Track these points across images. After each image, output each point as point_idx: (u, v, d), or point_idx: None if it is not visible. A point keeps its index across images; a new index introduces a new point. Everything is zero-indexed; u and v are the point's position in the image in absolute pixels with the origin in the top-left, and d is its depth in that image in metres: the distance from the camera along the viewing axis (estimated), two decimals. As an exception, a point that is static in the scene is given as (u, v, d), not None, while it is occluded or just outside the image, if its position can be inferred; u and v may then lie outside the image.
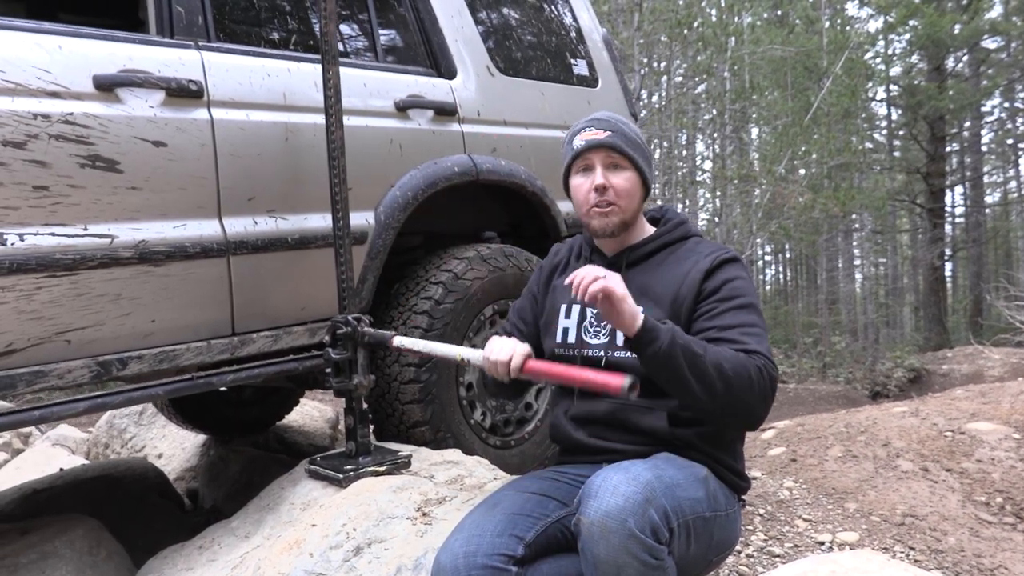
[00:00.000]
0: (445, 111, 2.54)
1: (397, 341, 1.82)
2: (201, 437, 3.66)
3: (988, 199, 22.94)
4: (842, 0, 16.90)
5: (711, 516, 1.41)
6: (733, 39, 11.65)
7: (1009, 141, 22.85)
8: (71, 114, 1.73)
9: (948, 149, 19.30)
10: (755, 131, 16.86)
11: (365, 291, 2.29)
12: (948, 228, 20.00)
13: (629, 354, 1.48)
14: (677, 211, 1.75)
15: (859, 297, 20.76)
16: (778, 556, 2.27)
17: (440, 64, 2.61)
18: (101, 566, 1.98)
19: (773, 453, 3.08)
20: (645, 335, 1.35)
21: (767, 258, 24.72)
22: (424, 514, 1.73)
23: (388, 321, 2.40)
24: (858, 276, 21.65)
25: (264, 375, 2.10)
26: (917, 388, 10.64)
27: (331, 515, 1.75)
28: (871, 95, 17.69)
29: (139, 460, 3.40)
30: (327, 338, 1.99)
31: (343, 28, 2.46)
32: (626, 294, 1.36)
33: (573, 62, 3.11)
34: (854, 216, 16.85)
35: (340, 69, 2.08)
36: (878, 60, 17.51)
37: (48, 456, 4.40)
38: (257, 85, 2.08)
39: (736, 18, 11.92)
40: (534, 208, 2.82)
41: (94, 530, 2.08)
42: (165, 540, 2.16)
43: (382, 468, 1.96)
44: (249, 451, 3.49)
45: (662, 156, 12.90)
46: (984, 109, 20.14)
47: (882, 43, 17.82)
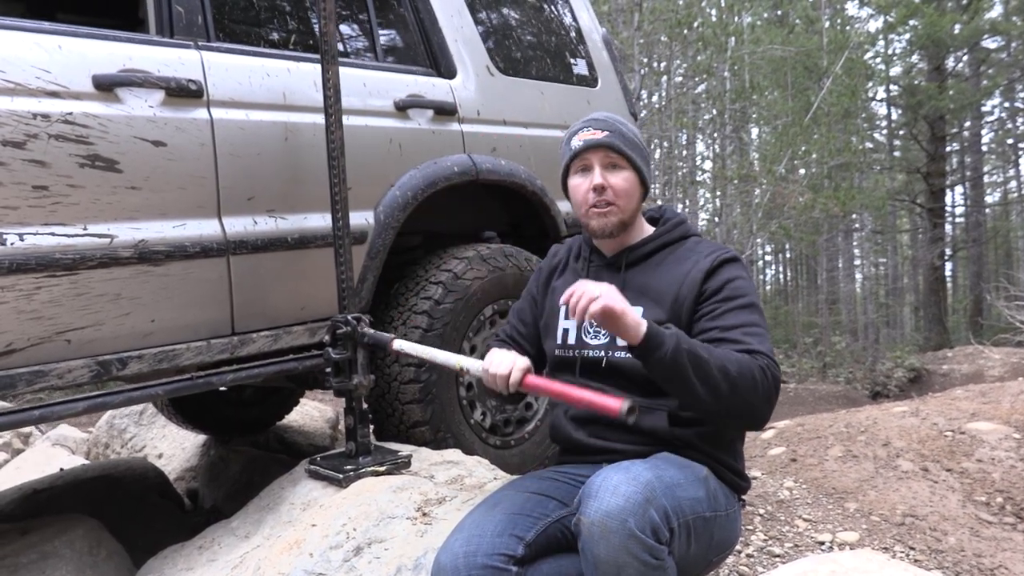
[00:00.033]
0: (445, 111, 2.54)
1: (397, 345, 1.81)
2: (201, 437, 3.66)
3: (988, 199, 22.94)
4: (842, 0, 16.90)
5: (711, 516, 1.41)
6: (733, 39, 11.65)
7: (1009, 141, 22.84)
8: (71, 114, 1.73)
9: (948, 149, 19.30)
10: (755, 131, 16.87)
11: (365, 291, 2.29)
12: (948, 228, 20.00)
13: (629, 355, 1.48)
14: (676, 211, 1.75)
15: (859, 297, 20.77)
16: (778, 556, 2.27)
17: (440, 64, 2.61)
18: (101, 566, 1.98)
19: (773, 453, 3.08)
20: (649, 343, 1.34)
21: (767, 258, 24.73)
22: (424, 514, 1.73)
23: (388, 321, 2.40)
24: (858, 276, 21.66)
25: (264, 375, 2.10)
26: (917, 388, 10.64)
27: (331, 515, 1.75)
28: (871, 95, 17.70)
29: (139, 460, 3.40)
30: (327, 338, 1.99)
31: (343, 28, 2.46)
32: (625, 307, 1.34)
33: (573, 62, 3.11)
34: (854, 216, 16.85)
35: (340, 69, 2.08)
36: (878, 60, 17.51)
37: (48, 456, 4.40)
38: (257, 85, 2.08)
39: (736, 18, 11.92)
40: (534, 208, 2.82)
41: (94, 530, 2.08)
42: (165, 540, 2.16)
43: (382, 468, 1.96)
44: (249, 451, 3.49)
45: (662, 156, 12.91)
46: (984, 109, 20.15)
47: (882, 43, 17.82)
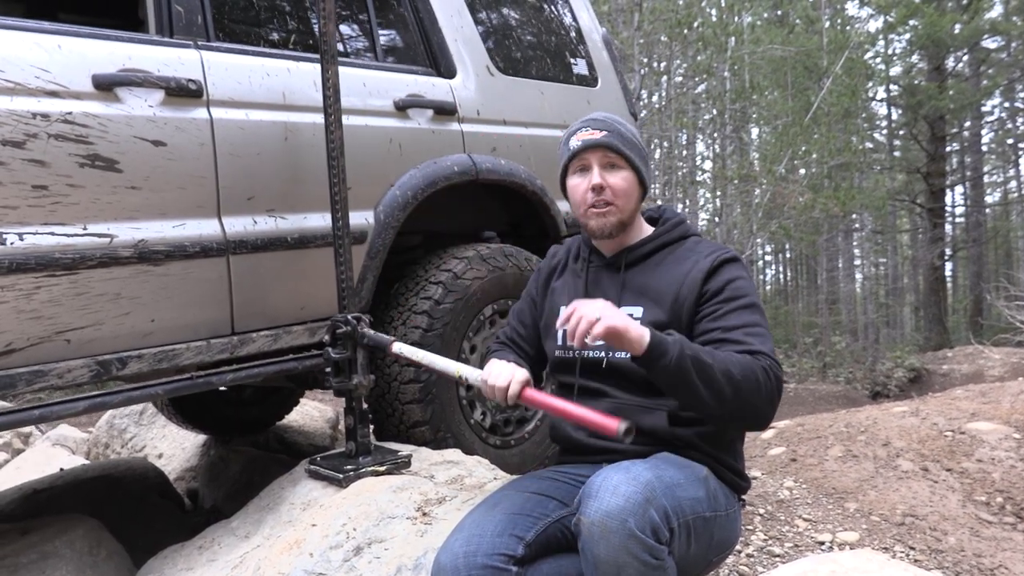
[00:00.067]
0: (445, 110, 2.54)
1: (396, 348, 1.80)
2: (201, 437, 3.66)
3: (988, 199, 22.94)
4: (842, 0, 16.90)
5: (711, 516, 1.41)
6: (733, 39, 11.65)
7: (1009, 141, 22.85)
8: (70, 113, 1.73)
9: (948, 149, 19.30)
10: (755, 131, 16.87)
11: (365, 291, 2.29)
12: (948, 228, 20.00)
13: (629, 355, 1.48)
14: (676, 211, 1.75)
15: (859, 297, 20.77)
16: (778, 556, 2.27)
17: (440, 64, 2.61)
18: (101, 566, 1.98)
19: (773, 453, 3.08)
20: (653, 352, 1.34)
21: (767, 258, 24.73)
22: (424, 514, 1.73)
23: (388, 321, 2.40)
24: (858, 276, 21.67)
25: (264, 375, 2.10)
26: (917, 388, 10.64)
27: (331, 515, 1.75)
28: (871, 95, 17.70)
29: (139, 460, 3.39)
30: (327, 337, 1.99)
31: (343, 28, 2.46)
32: (627, 323, 1.33)
33: (573, 62, 3.11)
34: (854, 216, 16.86)
35: (339, 68, 2.07)
36: (878, 60, 17.51)
37: (48, 456, 4.40)
38: (256, 84, 2.08)
39: (736, 18, 11.92)
40: (534, 207, 2.82)
41: (94, 530, 2.08)
42: (165, 540, 2.16)
43: (382, 468, 1.95)
44: (249, 451, 3.49)
45: (662, 156, 12.91)
46: (984, 109, 20.16)
47: (882, 43, 17.82)
